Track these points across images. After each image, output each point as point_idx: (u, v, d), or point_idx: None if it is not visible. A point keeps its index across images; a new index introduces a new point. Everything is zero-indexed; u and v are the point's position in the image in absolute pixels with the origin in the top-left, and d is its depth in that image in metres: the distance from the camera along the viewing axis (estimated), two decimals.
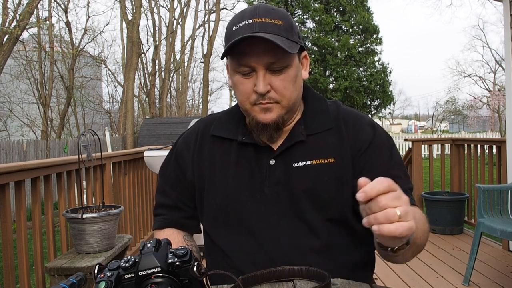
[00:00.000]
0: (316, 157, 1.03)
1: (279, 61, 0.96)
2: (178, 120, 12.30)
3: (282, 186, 1.03)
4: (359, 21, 18.16)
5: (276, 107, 1.00)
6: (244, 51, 0.95)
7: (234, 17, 1.01)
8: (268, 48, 0.94)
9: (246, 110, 1.03)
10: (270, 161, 1.04)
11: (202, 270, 0.70)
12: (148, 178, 4.56)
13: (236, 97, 1.05)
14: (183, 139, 1.18)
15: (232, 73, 1.02)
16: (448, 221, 4.51)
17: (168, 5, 18.81)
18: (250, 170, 1.05)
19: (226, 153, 1.08)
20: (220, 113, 1.18)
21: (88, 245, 2.52)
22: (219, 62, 26.53)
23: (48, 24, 12.82)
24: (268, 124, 1.00)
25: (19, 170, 2.28)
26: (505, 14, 3.98)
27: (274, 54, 0.95)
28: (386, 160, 1.06)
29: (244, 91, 1.00)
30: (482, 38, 35.52)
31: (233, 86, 1.04)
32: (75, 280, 0.72)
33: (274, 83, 0.97)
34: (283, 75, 0.98)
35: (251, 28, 0.94)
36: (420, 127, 41.50)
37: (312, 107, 1.10)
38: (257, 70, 0.97)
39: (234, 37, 0.95)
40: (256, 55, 0.95)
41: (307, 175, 1.02)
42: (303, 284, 0.91)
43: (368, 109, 18.72)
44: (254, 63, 0.96)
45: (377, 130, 1.08)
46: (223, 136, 1.10)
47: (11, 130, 13.34)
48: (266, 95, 0.98)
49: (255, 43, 0.94)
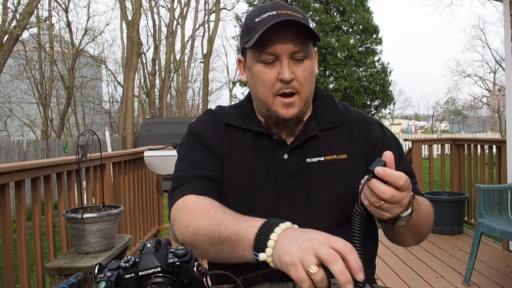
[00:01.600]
0: (329, 153, 1.06)
1: (302, 51, 1.00)
2: (178, 120, 12.30)
3: (296, 180, 1.04)
4: (359, 21, 18.18)
5: (297, 100, 1.02)
6: (269, 40, 0.98)
7: (252, 11, 1.05)
8: (293, 37, 0.98)
9: (266, 103, 1.03)
10: (283, 155, 1.06)
11: (202, 270, 0.70)
12: (148, 178, 4.56)
13: (255, 90, 1.05)
14: (199, 122, 1.13)
15: (252, 64, 1.03)
16: (448, 221, 4.51)
17: (168, 5, 18.83)
18: (265, 161, 1.06)
19: (242, 142, 1.08)
20: (226, 107, 1.18)
21: (88, 245, 2.52)
22: (219, 62, 26.53)
23: (48, 24, 12.82)
24: (290, 119, 1.02)
25: (19, 170, 2.28)
26: (505, 14, 3.98)
27: (298, 43, 0.99)
28: (396, 157, 1.08)
29: (268, 80, 1.01)
30: (482, 38, 35.55)
31: (252, 79, 1.05)
32: (75, 280, 0.72)
33: (296, 73, 1.00)
34: (304, 65, 1.01)
35: (277, 17, 0.98)
36: (420, 127, 41.51)
37: (322, 104, 1.13)
38: (281, 58, 0.99)
39: (259, 27, 0.98)
40: (281, 43, 0.98)
41: (320, 170, 1.04)
42: None
43: (368, 109, 18.72)
44: (279, 50, 0.98)
45: (385, 130, 1.15)
46: (238, 126, 1.10)
47: (11, 130, 13.34)
48: (290, 83, 1.00)
49: (280, 32, 0.97)
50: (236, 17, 20.63)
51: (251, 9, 1.08)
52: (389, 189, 0.80)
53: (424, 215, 0.98)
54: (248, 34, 1.02)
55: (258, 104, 1.07)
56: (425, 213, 0.99)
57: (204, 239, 0.89)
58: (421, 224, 0.97)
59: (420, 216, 0.95)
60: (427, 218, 1.00)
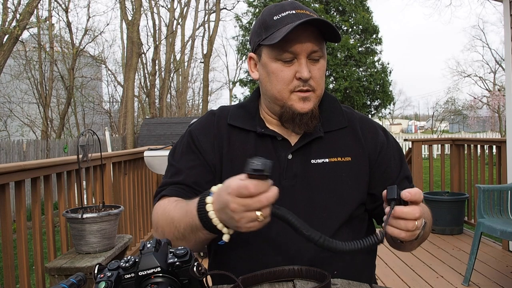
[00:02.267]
0: (333, 155, 1.07)
1: (319, 50, 1.02)
2: (178, 120, 12.30)
3: (300, 179, 1.05)
4: (358, 21, 18.18)
5: (312, 96, 1.05)
6: (290, 39, 0.99)
7: (268, 9, 1.06)
8: (312, 37, 1.00)
9: (282, 99, 1.05)
10: (288, 156, 1.06)
11: (202, 270, 0.70)
12: (148, 178, 4.56)
13: (270, 87, 1.06)
14: (198, 124, 1.15)
15: (269, 62, 1.04)
16: (448, 221, 4.51)
17: (168, 5, 18.82)
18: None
19: (244, 143, 1.09)
20: (231, 107, 1.18)
21: (88, 245, 2.52)
22: (219, 62, 26.54)
23: (48, 24, 12.81)
24: (306, 113, 1.04)
25: (19, 170, 2.28)
26: (505, 14, 3.98)
27: (316, 43, 1.01)
28: (398, 161, 1.14)
29: (286, 78, 1.02)
30: (482, 38, 35.62)
31: (267, 76, 1.05)
32: (75, 280, 0.72)
33: (313, 71, 1.03)
34: (319, 65, 1.04)
35: (298, 17, 1.00)
36: (420, 127, 41.50)
37: (328, 105, 1.14)
38: (299, 57, 1.01)
39: (279, 25, 1.00)
40: (301, 42, 1.00)
41: (325, 172, 1.05)
42: (303, 284, 0.91)
43: (368, 109, 18.72)
44: (299, 49, 1.00)
45: (388, 135, 1.17)
46: (241, 127, 1.11)
47: (11, 130, 13.33)
48: (307, 82, 1.02)
49: (301, 31, 0.99)
50: (236, 17, 20.64)
51: (266, 8, 1.08)
52: (416, 208, 0.84)
53: (427, 223, 0.99)
54: (267, 31, 1.03)
55: (271, 101, 1.08)
56: (429, 219, 1.02)
57: (172, 236, 0.96)
58: (427, 232, 0.99)
59: (429, 224, 0.99)
60: (430, 223, 1.03)
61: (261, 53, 1.06)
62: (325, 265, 0.96)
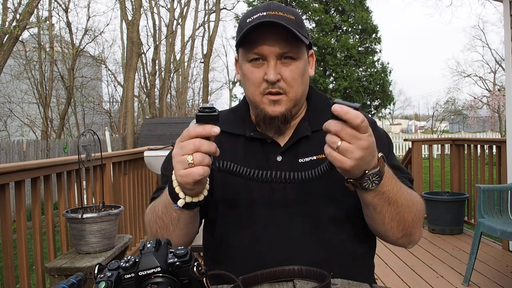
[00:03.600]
0: (321, 152, 1.04)
1: (290, 52, 1.01)
2: (178, 120, 12.29)
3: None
4: (358, 21, 18.18)
5: (284, 99, 1.03)
6: (257, 40, 0.99)
7: (247, 12, 1.07)
8: (280, 38, 0.99)
9: (255, 102, 1.05)
10: (277, 158, 1.07)
11: (202, 270, 0.70)
12: (148, 178, 4.57)
13: (245, 89, 1.07)
14: None
15: (242, 64, 1.05)
16: (448, 221, 4.52)
17: (168, 5, 18.81)
18: (258, 165, 1.06)
19: (234, 148, 1.09)
20: (223, 111, 1.19)
21: (88, 245, 2.52)
22: (219, 62, 26.56)
23: (48, 24, 12.81)
24: (277, 116, 1.03)
25: (19, 170, 2.28)
26: (505, 14, 3.98)
27: (286, 44, 1.00)
28: (386, 154, 1.07)
29: (255, 80, 1.02)
30: (482, 38, 35.58)
31: (243, 78, 1.07)
32: (75, 280, 0.72)
33: (283, 73, 1.01)
34: (292, 66, 1.02)
35: (264, 18, 0.99)
36: (420, 127, 41.47)
37: (316, 104, 1.13)
38: (268, 59, 1.01)
39: (246, 27, 0.99)
40: (268, 44, 0.99)
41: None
42: (303, 284, 0.91)
43: (368, 109, 18.72)
44: (266, 51, 1.00)
45: (376, 128, 1.11)
46: (230, 131, 1.11)
47: (11, 130, 13.33)
48: (276, 84, 1.01)
49: (268, 33, 0.99)
50: (236, 17, 20.63)
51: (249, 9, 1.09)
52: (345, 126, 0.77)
53: (405, 194, 0.93)
54: (239, 33, 1.04)
55: (249, 102, 1.09)
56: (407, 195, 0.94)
57: (156, 227, 0.99)
58: (400, 203, 0.92)
59: (397, 190, 0.90)
60: (409, 201, 0.94)
61: (239, 55, 1.08)
62: (324, 266, 0.96)
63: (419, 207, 0.99)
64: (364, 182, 0.84)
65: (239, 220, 1.05)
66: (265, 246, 1.02)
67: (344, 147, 0.78)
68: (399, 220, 0.94)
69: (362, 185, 0.85)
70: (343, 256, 1.03)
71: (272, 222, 1.03)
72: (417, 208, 0.98)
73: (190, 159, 0.81)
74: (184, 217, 0.93)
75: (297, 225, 1.03)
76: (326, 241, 1.03)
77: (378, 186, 0.85)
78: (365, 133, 0.78)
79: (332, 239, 1.03)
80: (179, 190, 0.88)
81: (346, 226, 1.04)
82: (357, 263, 1.06)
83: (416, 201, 0.98)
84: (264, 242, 1.02)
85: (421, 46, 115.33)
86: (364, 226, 1.05)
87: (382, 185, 0.86)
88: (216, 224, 1.09)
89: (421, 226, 1.02)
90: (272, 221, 1.03)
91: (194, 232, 1.04)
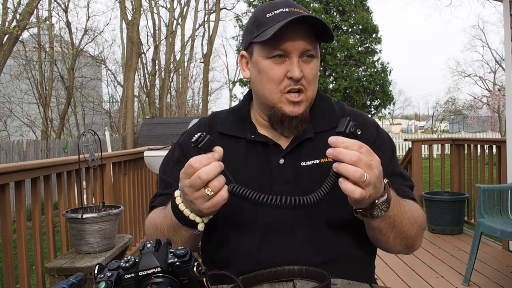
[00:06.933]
0: (324, 155, 1.03)
1: (312, 49, 1.00)
2: (178, 120, 12.28)
3: (292, 185, 1.03)
4: (358, 21, 18.16)
5: (303, 100, 1.02)
6: (282, 36, 0.97)
7: (262, 7, 1.04)
8: (304, 36, 0.98)
9: (272, 100, 1.02)
10: (279, 160, 1.05)
11: (202, 270, 0.70)
12: (148, 178, 4.57)
13: (260, 87, 1.04)
14: (187, 136, 1.15)
15: (259, 60, 1.02)
16: (448, 221, 4.51)
17: (168, 5, 18.81)
18: (260, 168, 1.05)
19: (235, 151, 1.07)
20: (222, 112, 1.17)
21: (88, 245, 2.52)
22: (219, 62, 26.54)
23: (48, 24, 12.81)
24: (295, 117, 1.02)
25: (19, 170, 2.28)
26: (505, 14, 3.98)
27: (310, 42, 0.99)
28: (388, 159, 1.08)
29: (275, 77, 1.00)
30: (482, 38, 35.60)
31: (258, 75, 1.03)
32: (75, 280, 0.72)
33: (305, 71, 1.00)
34: (312, 64, 1.02)
35: (291, 15, 0.98)
36: (420, 127, 41.46)
37: (319, 105, 1.11)
38: (291, 56, 0.99)
39: (271, 23, 0.98)
40: (293, 40, 0.98)
41: (315, 174, 1.02)
42: (303, 284, 0.91)
43: (368, 109, 18.71)
44: (291, 47, 0.98)
45: (380, 131, 1.12)
46: (231, 134, 1.09)
47: (11, 130, 13.33)
48: (299, 81, 1.00)
49: (295, 29, 0.97)
50: (236, 17, 20.63)
51: (259, 6, 1.07)
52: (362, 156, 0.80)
53: (408, 214, 0.94)
54: (258, 29, 1.01)
55: (262, 101, 1.06)
56: (410, 214, 0.95)
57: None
58: (404, 223, 0.93)
59: (401, 213, 0.91)
60: (412, 219, 0.96)
61: (252, 51, 1.04)
62: (326, 270, 0.95)
63: (421, 220, 1.00)
64: (374, 211, 0.86)
65: (241, 224, 1.04)
66: (267, 250, 1.01)
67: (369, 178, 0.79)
68: (403, 238, 0.97)
69: (373, 214, 0.86)
70: (345, 259, 1.03)
71: (274, 226, 1.02)
72: (419, 223, 0.99)
73: (208, 191, 0.81)
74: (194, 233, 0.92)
75: (299, 229, 1.02)
76: (328, 245, 1.02)
77: (386, 212, 0.87)
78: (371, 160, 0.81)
79: (334, 243, 1.02)
80: (194, 217, 0.87)
81: (348, 230, 1.03)
82: (358, 266, 1.06)
83: (417, 216, 0.99)
84: (266, 246, 1.01)
85: (421, 46, 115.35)
86: (365, 230, 1.05)
87: (389, 211, 0.88)
88: (217, 227, 1.07)
89: (422, 236, 1.03)
90: (274, 225, 1.02)
91: (200, 239, 1.04)
